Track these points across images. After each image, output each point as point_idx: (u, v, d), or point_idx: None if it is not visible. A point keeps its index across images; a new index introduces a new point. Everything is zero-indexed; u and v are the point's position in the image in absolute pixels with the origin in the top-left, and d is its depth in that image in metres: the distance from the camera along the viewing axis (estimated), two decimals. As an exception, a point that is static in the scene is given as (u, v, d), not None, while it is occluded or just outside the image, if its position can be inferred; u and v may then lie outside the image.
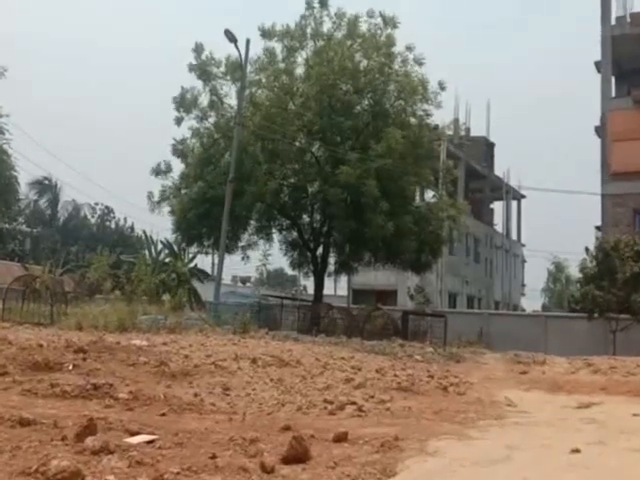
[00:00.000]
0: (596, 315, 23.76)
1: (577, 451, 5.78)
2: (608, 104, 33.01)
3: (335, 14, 24.60)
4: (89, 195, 78.99)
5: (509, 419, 7.91)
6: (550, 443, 6.28)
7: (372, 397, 8.87)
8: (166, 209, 25.62)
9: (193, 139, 25.85)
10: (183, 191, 25.48)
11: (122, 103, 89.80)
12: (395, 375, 11.11)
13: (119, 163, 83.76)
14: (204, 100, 25.36)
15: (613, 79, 34.89)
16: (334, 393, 8.96)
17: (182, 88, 25.09)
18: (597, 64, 34.59)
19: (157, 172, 25.50)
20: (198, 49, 25.04)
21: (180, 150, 25.79)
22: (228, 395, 8.39)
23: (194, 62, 24.94)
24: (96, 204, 54.93)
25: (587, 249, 24.95)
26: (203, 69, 24.94)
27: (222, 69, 25.14)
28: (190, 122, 25.45)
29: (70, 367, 8.93)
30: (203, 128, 25.76)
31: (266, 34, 24.94)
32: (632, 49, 32.74)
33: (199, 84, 25.20)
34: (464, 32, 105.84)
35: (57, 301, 19.53)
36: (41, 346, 10.28)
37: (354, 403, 8.24)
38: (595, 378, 12.98)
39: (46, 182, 50.53)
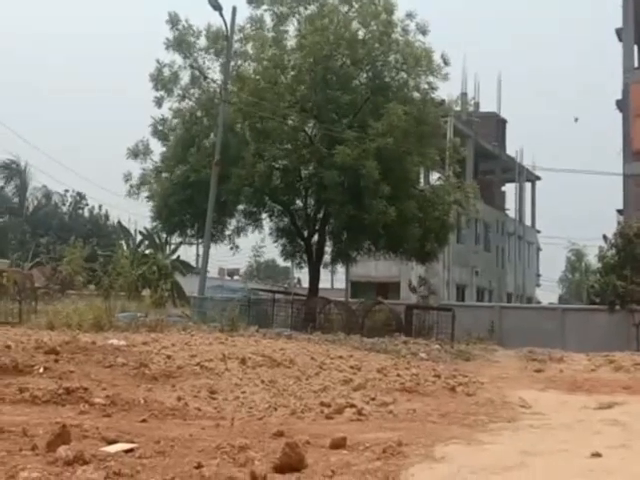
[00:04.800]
0: (618, 307, 23.90)
1: (598, 455, 5.80)
2: (631, 75, 33.02)
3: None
4: (59, 180, 78.62)
5: (523, 422, 7.94)
6: (568, 447, 6.30)
7: (373, 399, 8.89)
8: (145, 194, 25.51)
9: (175, 119, 25.70)
10: (164, 175, 25.36)
11: (95, 77, 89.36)
12: (398, 375, 11.13)
13: (91, 144, 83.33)
14: (185, 76, 25.23)
15: (636, 48, 34.89)
16: (331, 395, 8.98)
17: (158, 63, 24.86)
18: (618, 31, 34.56)
19: (135, 154, 25.32)
20: (173, 20, 24.78)
21: (160, 131, 25.64)
22: (215, 399, 8.40)
23: (170, 35, 24.69)
24: (67, 191, 54.78)
25: (605, 237, 25.06)
26: (181, 40, 24.72)
27: (203, 40, 24.99)
28: (171, 102, 25.30)
29: (41, 370, 8.92)
30: (185, 107, 25.61)
31: (253, 0, 24.80)
32: (657, 14, 32.67)
33: (178, 59, 25.05)
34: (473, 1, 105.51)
35: (26, 298, 19.52)
36: (8, 347, 10.26)
37: (353, 406, 8.25)
38: (617, 376, 13.06)
39: (14, 166, 50.31)
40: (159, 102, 25.06)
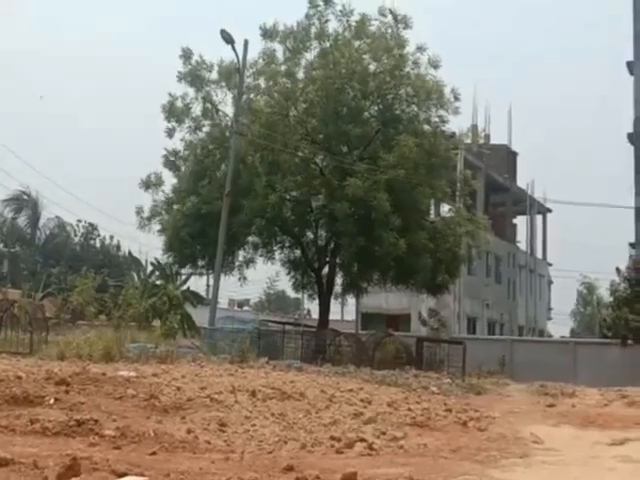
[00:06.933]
0: (630, 342, 23.69)
1: (611, 493, 5.75)
2: (641, 108, 33.13)
3: (341, 12, 24.67)
4: (70, 210, 78.94)
5: (536, 457, 7.87)
6: (581, 484, 6.25)
7: (384, 433, 8.84)
8: (157, 227, 25.71)
9: (186, 151, 25.97)
10: (175, 207, 25.54)
11: (107, 110, 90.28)
12: (409, 409, 11.07)
13: (102, 175, 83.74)
14: (197, 108, 25.54)
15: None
16: (341, 429, 8.94)
17: (170, 95, 25.20)
18: (629, 64, 34.78)
19: (147, 185, 25.59)
20: (186, 54, 25.18)
21: (172, 162, 25.90)
22: (225, 432, 8.39)
23: (183, 69, 25.06)
24: (79, 221, 55.08)
25: (618, 269, 25.04)
26: (194, 75, 25.08)
27: (215, 74, 25.32)
28: (182, 133, 25.59)
29: (51, 401, 8.94)
30: (197, 139, 25.89)
31: (267, 34, 25.10)
32: (667, 47, 32.89)
33: (191, 91, 25.39)
34: (483, 31, 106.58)
35: (37, 328, 19.58)
36: (19, 378, 10.30)
37: (364, 440, 8.21)
38: (630, 411, 12.91)
39: (25, 197, 50.76)
40: (170, 133, 25.38)
